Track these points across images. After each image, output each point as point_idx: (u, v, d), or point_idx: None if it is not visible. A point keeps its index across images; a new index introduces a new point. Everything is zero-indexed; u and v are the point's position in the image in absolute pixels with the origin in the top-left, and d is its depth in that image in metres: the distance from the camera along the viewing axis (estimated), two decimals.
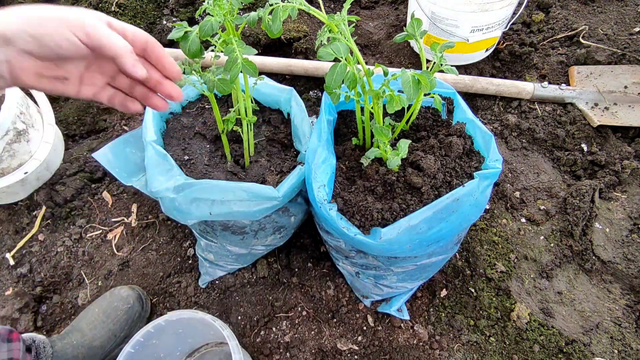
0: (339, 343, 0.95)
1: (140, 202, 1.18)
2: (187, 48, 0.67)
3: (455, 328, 0.96)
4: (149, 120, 0.86)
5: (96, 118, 1.37)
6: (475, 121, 0.81)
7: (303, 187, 0.84)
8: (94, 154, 0.90)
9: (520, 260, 1.05)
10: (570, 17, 1.49)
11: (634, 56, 1.34)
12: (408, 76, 0.63)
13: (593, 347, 0.93)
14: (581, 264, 1.05)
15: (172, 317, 0.79)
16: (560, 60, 1.39)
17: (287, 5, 0.63)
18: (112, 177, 1.21)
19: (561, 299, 1.00)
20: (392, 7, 1.68)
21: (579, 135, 1.23)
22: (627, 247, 1.05)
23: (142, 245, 1.10)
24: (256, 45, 1.51)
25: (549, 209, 1.13)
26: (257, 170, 0.88)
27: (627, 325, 0.96)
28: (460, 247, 1.06)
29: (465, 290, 1.01)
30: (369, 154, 0.77)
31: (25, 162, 1.12)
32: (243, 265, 1.03)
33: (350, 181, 0.82)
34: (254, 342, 0.96)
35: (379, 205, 0.75)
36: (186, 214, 0.79)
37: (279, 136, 0.95)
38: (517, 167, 1.22)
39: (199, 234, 0.94)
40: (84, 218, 1.15)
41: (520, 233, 1.10)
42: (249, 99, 0.82)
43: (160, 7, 1.67)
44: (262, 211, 0.80)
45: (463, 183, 0.71)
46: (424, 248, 0.72)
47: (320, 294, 1.01)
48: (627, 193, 1.14)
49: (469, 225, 0.77)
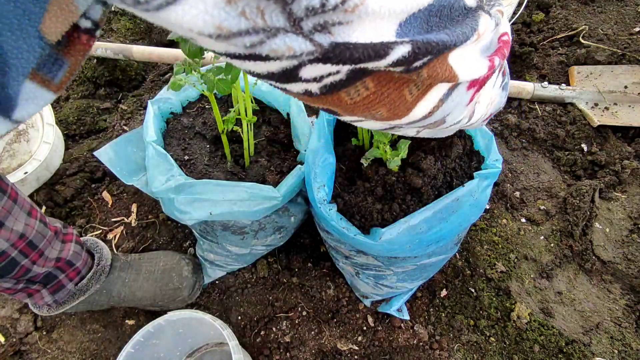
0: (339, 343, 0.95)
1: (140, 202, 1.18)
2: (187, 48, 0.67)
3: (455, 328, 0.97)
4: (150, 120, 0.87)
5: (96, 118, 1.37)
6: None
7: (303, 187, 0.84)
8: (96, 153, 0.90)
9: (520, 260, 1.05)
10: (570, 17, 1.49)
11: (634, 56, 1.34)
12: None
13: (593, 347, 0.93)
14: (581, 264, 1.05)
15: (172, 317, 0.79)
16: (560, 60, 1.39)
17: None
18: (112, 177, 1.21)
19: (561, 299, 1.00)
20: None
21: (579, 135, 1.23)
22: (627, 247, 1.05)
23: (142, 245, 1.10)
24: None
25: (549, 209, 1.13)
26: (257, 170, 0.88)
27: (627, 325, 0.96)
28: (460, 247, 1.06)
29: (465, 290, 1.01)
30: (369, 154, 0.77)
31: (25, 162, 1.12)
32: (243, 265, 1.03)
33: (350, 181, 0.82)
34: (254, 342, 0.96)
35: (378, 205, 0.75)
36: (186, 214, 0.79)
37: (279, 136, 0.95)
38: (517, 167, 1.22)
39: (199, 234, 0.94)
40: (84, 218, 1.15)
41: (520, 233, 1.10)
42: (249, 99, 0.82)
43: None
44: (262, 211, 0.80)
45: (463, 183, 0.71)
46: (423, 248, 0.72)
47: (320, 294, 1.01)
48: (627, 193, 1.14)
49: (469, 225, 0.77)
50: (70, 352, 0.97)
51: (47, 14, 0.29)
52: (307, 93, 0.35)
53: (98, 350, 0.97)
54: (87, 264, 0.87)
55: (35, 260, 0.74)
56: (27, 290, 0.79)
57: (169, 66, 1.48)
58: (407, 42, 0.30)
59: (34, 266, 0.74)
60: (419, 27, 0.32)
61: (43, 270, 0.77)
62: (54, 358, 0.96)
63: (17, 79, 0.32)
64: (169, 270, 0.95)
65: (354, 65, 0.31)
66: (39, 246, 0.73)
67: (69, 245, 0.82)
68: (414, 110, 0.39)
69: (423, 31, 0.32)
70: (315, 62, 0.30)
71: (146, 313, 1.01)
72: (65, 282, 0.83)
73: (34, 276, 0.76)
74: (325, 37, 0.28)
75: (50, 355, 0.96)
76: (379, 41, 0.29)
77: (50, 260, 0.77)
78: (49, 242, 0.76)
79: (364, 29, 0.28)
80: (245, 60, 0.30)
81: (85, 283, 0.86)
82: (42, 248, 0.74)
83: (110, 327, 1.00)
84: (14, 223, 0.68)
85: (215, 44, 0.28)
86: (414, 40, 0.31)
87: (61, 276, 0.82)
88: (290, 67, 0.30)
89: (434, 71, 0.34)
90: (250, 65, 0.31)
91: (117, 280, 0.91)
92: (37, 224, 0.73)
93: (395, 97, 0.37)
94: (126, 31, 1.59)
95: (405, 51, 0.30)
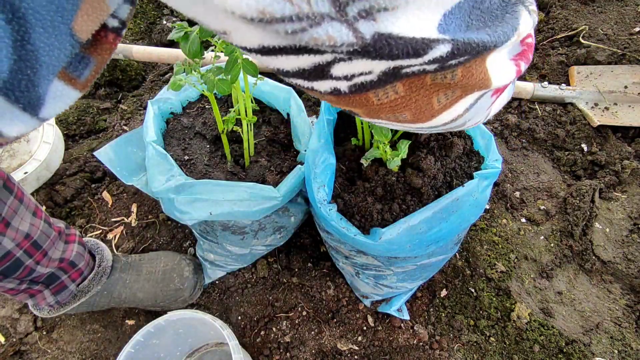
0: (339, 343, 0.95)
1: (140, 202, 1.18)
2: (187, 48, 0.67)
3: (455, 328, 0.97)
4: (150, 120, 0.87)
5: (96, 118, 1.37)
6: None
7: (303, 187, 0.84)
8: (96, 153, 0.90)
9: (520, 260, 1.05)
10: (570, 17, 1.49)
11: (634, 56, 1.34)
12: None
13: (593, 347, 0.93)
14: (581, 264, 1.05)
15: (173, 317, 0.79)
16: (560, 60, 1.39)
17: None
18: (112, 177, 1.22)
19: (561, 299, 1.00)
20: None
21: (579, 135, 1.23)
22: (627, 247, 1.05)
23: (142, 246, 1.10)
24: None
25: (549, 209, 1.13)
26: (257, 170, 0.88)
27: (627, 325, 0.96)
28: (460, 247, 1.06)
29: (465, 290, 1.01)
30: (369, 154, 0.77)
31: (25, 162, 1.12)
32: (243, 265, 1.03)
33: (350, 182, 0.82)
34: (254, 342, 0.96)
35: (378, 205, 0.75)
36: (186, 214, 0.79)
37: (279, 136, 0.95)
38: (517, 167, 1.22)
39: (199, 234, 0.94)
40: (84, 218, 1.15)
41: (520, 233, 1.10)
42: (249, 99, 0.82)
43: (161, 7, 1.67)
44: (262, 211, 0.80)
45: (463, 183, 0.71)
46: (423, 248, 0.72)
47: (320, 294, 1.01)
48: (627, 193, 1.14)
49: (468, 225, 0.77)
50: (70, 352, 0.97)
51: (79, 12, 0.29)
52: (335, 92, 0.34)
53: (98, 350, 0.97)
54: (89, 265, 0.87)
55: (39, 261, 0.74)
56: (30, 291, 0.79)
57: (169, 66, 1.48)
58: (449, 42, 0.29)
59: (37, 266, 0.74)
60: (461, 20, 0.30)
61: (46, 271, 0.77)
62: (54, 358, 0.96)
63: (47, 77, 0.31)
64: (170, 271, 0.95)
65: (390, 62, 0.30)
66: (43, 246, 0.73)
67: (72, 246, 0.82)
68: (438, 117, 0.38)
69: (464, 26, 0.31)
70: (352, 56, 0.29)
71: (146, 313, 1.01)
72: (68, 282, 0.83)
73: (37, 277, 0.76)
74: (369, 25, 0.27)
75: (50, 355, 0.96)
76: (420, 36, 0.28)
77: (54, 260, 0.77)
78: (53, 243, 0.76)
79: (408, 17, 0.27)
80: (278, 55, 0.29)
81: (87, 284, 0.86)
82: (46, 248, 0.74)
83: (110, 327, 1.00)
84: (19, 223, 0.68)
85: (253, 33, 0.27)
86: (455, 40, 0.29)
87: (64, 277, 0.82)
88: (324, 63, 0.30)
89: (469, 72, 0.33)
90: (281, 61, 0.30)
91: (118, 281, 0.91)
92: (42, 224, 0.73)
93: (423, 103, 0.36)
94: (126, 31, 1.59)
95: (445, 51, 0.29)
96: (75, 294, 0.86)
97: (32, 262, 0.72)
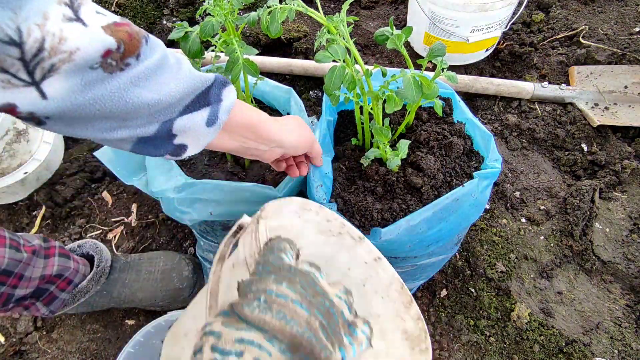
0: None
1: (140, 201, 1.18)
2: (187, 48, 0.67)
3: (455, 328, 0.97)
4: None
5: None
6: (474, 121, 0.81)
7: (303, 187, 0.84)
8: (96, 153, 0.90)
9: (520, 260, 1.05)
10: (570, 17, 1.49)
11: (634, 56, 1.34)
12: (409, 77, 0.63)
13: (593, 347, 0.93)
14: (581, 264, 1.05)
15: (173, 317, 0.79)
16: (560, 60, 1.39)
17: (285, 7, 0.62)
18: (112, 177, 1.22)
19: (561, 299, 1.00)
20: (392, 7, 1.68)
21: (579, 135, 1.23)
22: (627, 247, 1.05)
23: (142, 245, 1.10)
24: (256, 45, 1.51)
25: (549, 209, 1.13)
26: (257, 170, 0.88)
27: (627, 325, 0.96)
28: (460, 247, 1.06)
29: (465, 290, 1.01)
30: (369, 154, 0.77)
31: (25, 162, 1.12)
32: None
33: (350, 181, 0.82)
34: None
35: (378, 205, 0.75)
36: (186, 214, 0.79)
37: None
38: (517, 167, 1.22)
39: (199, 234, 0.94)
40: (84, 218, 1.15)
41: (520, 233, 1.10)
42: (249, 99, 0.82)
43: (160, 7, 1.67)
44: None
45: (463, 183, 0.71)
46: (423, 248, 0.72)
47: None
48: (627, 193, 1.14)
49: (468, 225, 0.77)
50: (70, 352, 0.97)
51: None
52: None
53: (98, 350, 0.97)
54: (79, 271, 0.86)
55: (16, 285, 0.73)
56: (21, 305, 0.78)
57: None
58: None
59: (16, 290, 0.73)
60: None
61: (28, 291, 0.76)
62: (54, 358, 0.96)
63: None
64: (169, 271, 0.95)
65: None
66: (14, 271, 0.72)
67: (53, 260, 0.80)
68: None
69: None
70: None
71: (146, 313, 1.01)
72: (57, 293, 0.82)
73: (21, 297, 0.75)
74: None
75: (50, 355, 0.96)
76: None
77: (34, 279, 0.76)
78: (27, 264, 0.75)
79: None
80: None
81: (85, 285, 0.86)
82: (19, 272, 0.73)
83: (110, 327, 1.00)
84: None
85: None
86: None
87: (52, 288, 0.81)
88: None
89: None
90: None
91: (117, 281, 0.91)
92: (7, 251, 0.71)
93: None
94: None
95: None
96: (74, 295, 0.85)
97: (8, 288, 0.71)
